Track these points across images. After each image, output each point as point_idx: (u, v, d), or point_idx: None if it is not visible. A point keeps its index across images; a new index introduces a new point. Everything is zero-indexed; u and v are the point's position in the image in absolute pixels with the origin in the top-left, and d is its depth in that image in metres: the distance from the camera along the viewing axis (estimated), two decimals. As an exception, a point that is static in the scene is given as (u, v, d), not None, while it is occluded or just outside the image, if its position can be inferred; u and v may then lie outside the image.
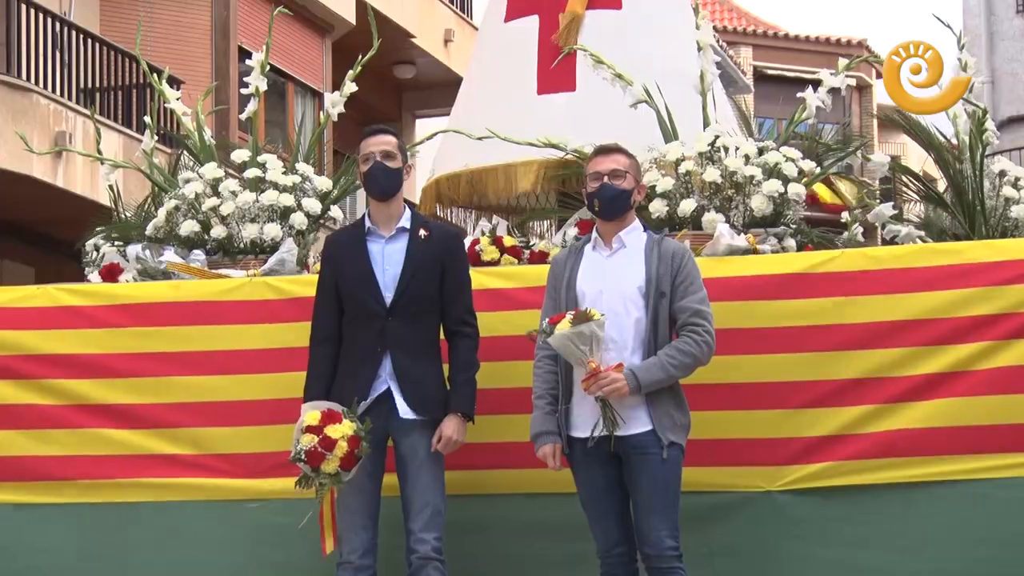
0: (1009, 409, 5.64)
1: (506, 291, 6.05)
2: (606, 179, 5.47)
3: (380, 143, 5.72)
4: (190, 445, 6.14)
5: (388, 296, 5.60)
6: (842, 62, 6.84)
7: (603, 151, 5.56)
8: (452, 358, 5.66)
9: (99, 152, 7.75)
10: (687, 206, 6.24)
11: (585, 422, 5.38)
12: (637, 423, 5.31)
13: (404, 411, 5.57)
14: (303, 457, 5.39)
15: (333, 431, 5.39)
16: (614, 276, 5.42)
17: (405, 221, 5.70)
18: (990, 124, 6.60)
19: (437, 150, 7.71)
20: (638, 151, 6.48)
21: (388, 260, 5.65)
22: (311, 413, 5.46)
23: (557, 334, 5.26)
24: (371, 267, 5.63)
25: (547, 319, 5.37)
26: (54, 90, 14.30)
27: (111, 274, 6.73)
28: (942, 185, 6.77)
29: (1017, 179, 6.61)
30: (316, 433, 5.40)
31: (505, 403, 5.84)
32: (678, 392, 5.40)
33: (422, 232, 5.68)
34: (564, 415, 5.43)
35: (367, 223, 5.72)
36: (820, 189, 6.88)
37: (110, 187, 7.48)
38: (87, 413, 6.19)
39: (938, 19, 6.82)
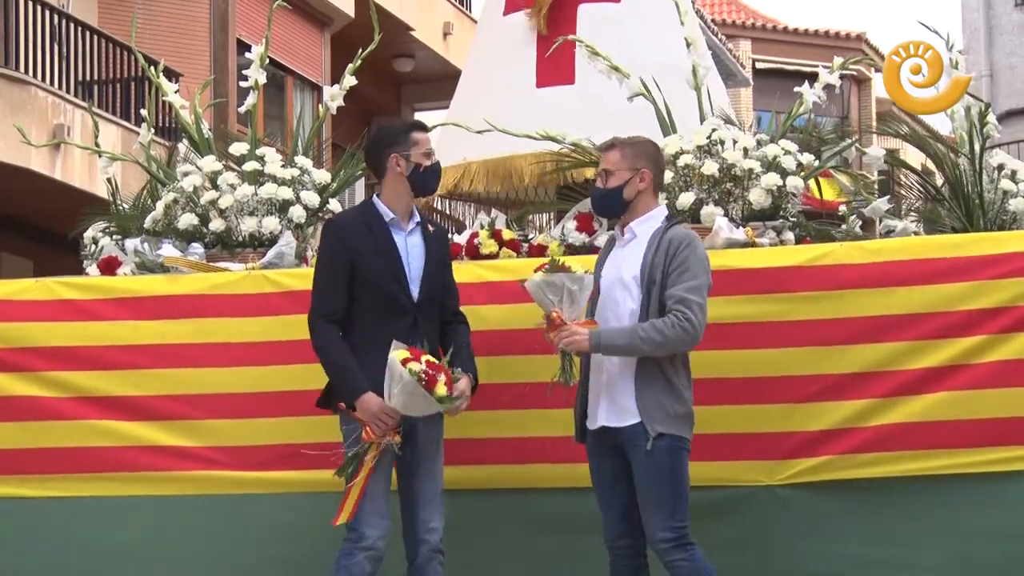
0: (1009, 402, 5.64)
1: (504, 284, 6.05)
2: (597, 180, 5.50)
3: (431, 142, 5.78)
4: (189, 437, 6.14)
5: (415, 290, 5.56)
6: (837, 60, 6.85)
7: (600, 149, 5.58)
8: (455, 338, 5.63)
9: (97, 145, 7.75)
10: (686, 199, 6.24)
11: (594, 412, 5.39)
12: (627, 415, 5.30)
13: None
14: (424, 377, 5.32)
15: (431, 360, 5.37)
16: (618, 266, 5.45)
17: (416, 216, 5.70)
18: (992, 118, 6.60)
19: (436, 143, 7.69)
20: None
21: (411, 254, 5.60)
22: (400, 351, 5.38)
23: (530, 279, 5.32)
24: (401, 261, 5.57)
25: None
26: (52, 83, 14.29)
27: (109, 267, 6.72)
28: (941, 179, 6.77)
29: (1015, 172, 6.61)
30: (417, 361, 5.35)
31: (501, 398, 5.85)
32: (671, 379, 5.32)
33: (429, 227, 5.70)
34: (582, 406, 5.45)
35: (387, 213, 5.61)
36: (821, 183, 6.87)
37: (108, 180, 7.47)
38: (85, 405, 6.18)
39: (923, 24, 6.83)
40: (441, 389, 5.32)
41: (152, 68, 7.33)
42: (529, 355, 5.74)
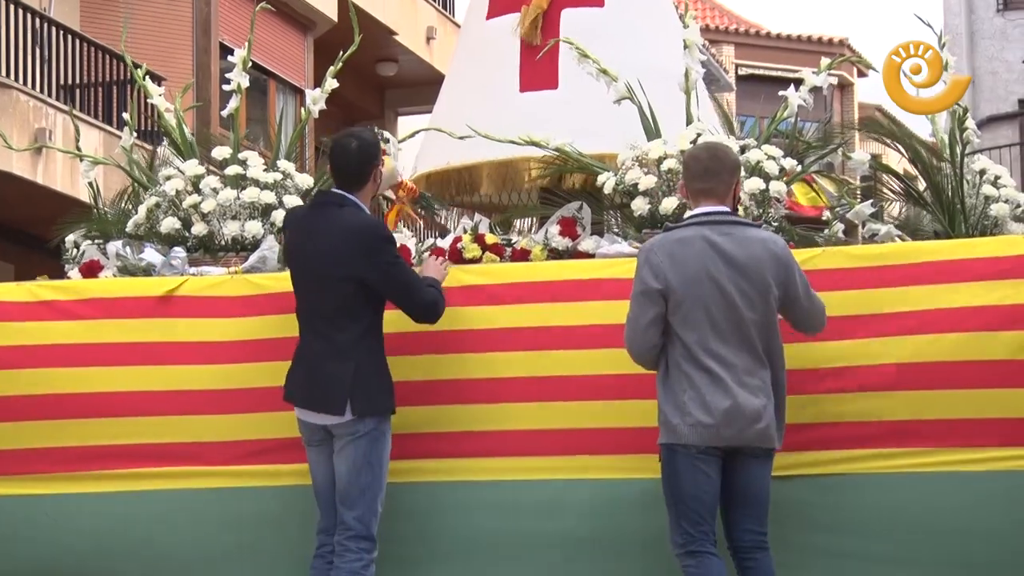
0: (985, 403, 5.67)
1: (486, 287, 6.07)
2: None
3: None
4: (166, 434, 6.11)
5: None
6: (824, 61, 6.85)
7: None
8: None
9: (79, 149, 7.73)
10: (669, 204, 6.25)
11: None
12: None
13: None
14: None
15: None
16: None
17: None
18: (970, 122, 6.61)
19: (419, 147, 7.71)
20: (620, 149, 6.51)
21: None
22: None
23: None
24: None
25: None
26: (34, 87, 14.25)
27: (91, 271, 6.69)
28: (923, 183, 6.79)
29: (997, 177, 6.63)
30: None
31: (481, 393, 5.93)
32: (663, 389, 5.40)
33: None
34: None
35: None
36: (799, 189, 6.89)
37: (90, 184, 7.45)
38: (64, 404, 6.15)
39: (919, 19, 6.85)
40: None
41: (138, 71, 7.31)
42: (504, 351, 5.89)
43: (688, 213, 5.56)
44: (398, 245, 5.79)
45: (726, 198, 5.49)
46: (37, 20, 14.66)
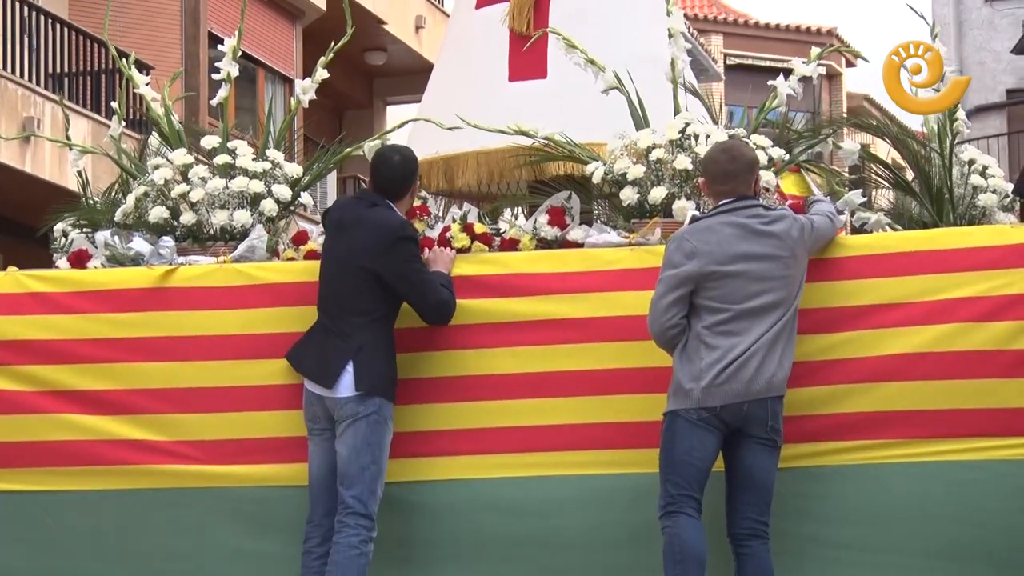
0: (975, 393, 5.70)
1: (483, 278, 6.08)
2: None
3: None
4: (159, 431, 6.10)
5: None
6: (814, 51, 6.86)
7: None
8: None
9: (68, 138, 7.71)
10: (658, 193, 6.26)
11: None
12: None
13: None
14: None
15: None
16: None
17: None
18: (960, 114, 6.62)
19: (408, 137, 7.69)
20: (609, 139, 6.51)
21: None
22: None
23: None
24: None
25: None
26: (22, 75, 14.22)
27: (80, 260, 6.68)
28: (911, 173, 6.80)
29: (985, 167, 6.64)
30: None
31: (477, 390, 5.94)
32: (681, 359, 5.52)
33: None
34: None
35: None
36: (791, 179, 6.90)
37: (78, 173, 7.44)
38: (55, 399, 6.14)
39: (912, 9, 6.85)
40: None
41: (124, 60, 7.29)
42: (497, 347, 5.89)
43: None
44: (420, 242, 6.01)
45: (747, 194, 5.69)
46: (25, 8, 14.62)
